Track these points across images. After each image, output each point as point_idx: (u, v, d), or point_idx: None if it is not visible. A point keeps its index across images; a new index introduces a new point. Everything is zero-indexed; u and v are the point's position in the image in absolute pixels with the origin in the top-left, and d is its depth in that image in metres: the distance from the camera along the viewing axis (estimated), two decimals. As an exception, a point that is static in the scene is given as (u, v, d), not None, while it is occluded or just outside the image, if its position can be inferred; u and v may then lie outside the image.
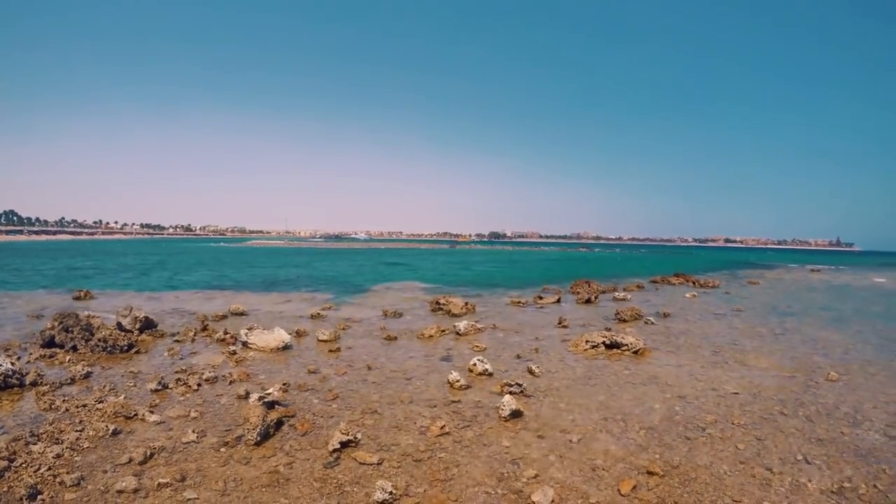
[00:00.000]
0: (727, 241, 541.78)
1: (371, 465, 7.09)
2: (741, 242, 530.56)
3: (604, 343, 14.07)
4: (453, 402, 9.73)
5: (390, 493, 6.18)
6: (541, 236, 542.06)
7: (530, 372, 11.69)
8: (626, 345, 13.83)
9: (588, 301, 25.24)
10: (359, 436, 7.80)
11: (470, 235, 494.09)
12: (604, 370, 12.24)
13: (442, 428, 8.29)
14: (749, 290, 34.71)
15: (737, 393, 10.66)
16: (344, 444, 7.54)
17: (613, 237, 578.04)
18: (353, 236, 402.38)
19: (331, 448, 7.46)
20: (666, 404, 9.84)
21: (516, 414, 8.87)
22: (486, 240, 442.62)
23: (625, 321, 19.25)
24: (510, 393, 9.86)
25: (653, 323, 18.96)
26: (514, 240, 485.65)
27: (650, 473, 6.94)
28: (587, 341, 14.23)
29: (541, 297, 26.21)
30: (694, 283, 36.87)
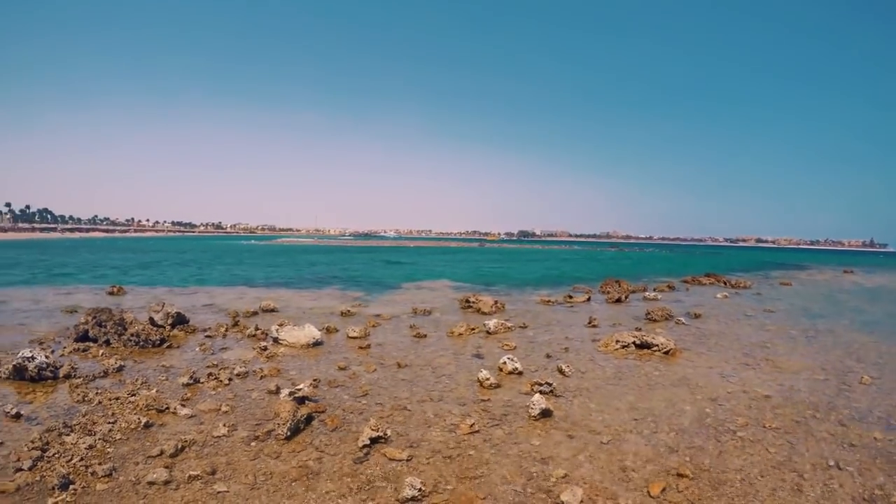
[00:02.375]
0: (758, 241, 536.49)
1: (400, 461, 7.11)
2: (773, 242, 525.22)
3: (634, 343, 13.98)
4: (483, 400, 9.72)
5: (419, 489, 6.18)
6: (570, 235, 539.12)
7: (560, 371, 11.64)
8: (657, 345, 13.74)
9: (618, 300, 25.09)
10: (388, 432, 7.82)
11: (499, 234, 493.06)
12: (634, 370, 12.16)
13: (471, 426, 8.30)
14: (781, 292, 34.25)
15: (768, 396, 10.53)
16: (374, 440, 7.56)
17: (643, 236, 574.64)
18: (381, 234, 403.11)
19: (360, 444, 7.48)
20: (696, 406, 9.75)
21: (546, 413, 8.84)
22: (514, 238, 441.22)
23: (655, 321, 19.10)
24: (540, 392, 9.83)
25: (683, 323, 18.80)
26: (543, 238, 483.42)
27: (680, 476, 6.88)
28: (617, 341, 14.16)
29: (570, 297, 26.10)
30: (725, 283, 36.48)
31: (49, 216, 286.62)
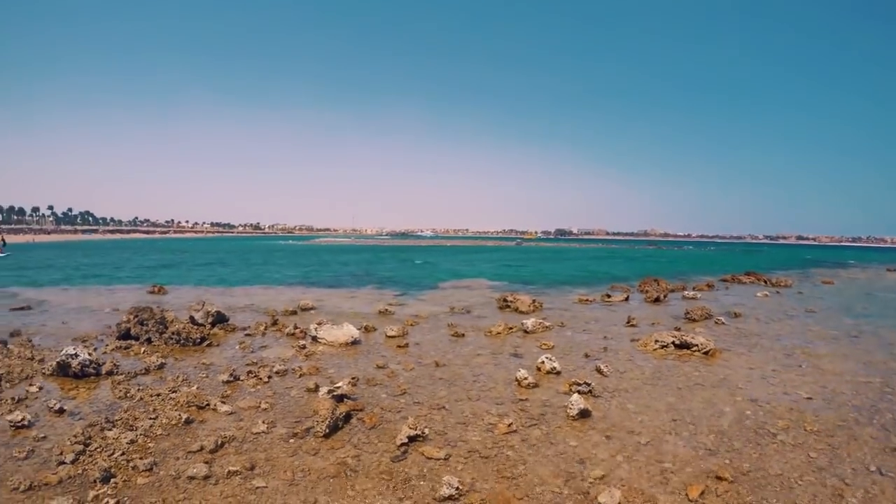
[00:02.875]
0: (799, 238, 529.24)
1: (438, 460, 7.12)
2: (814, 240, 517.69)
3: (673, 343, 13.85)
4: (521, 399, 9.68)
5: (456, 488, 6.19)
6: (607, 233, 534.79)
7: (598, 371, 11.58)
8: (696, 345, 13.60)
9: (657, 300, 24.86)
10: (426, 431, 7.83)
11: (536, 233, 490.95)
12: (673, 371, 12.04)
13: (509, 426, 8.28)
14: (823, 290, 33.65)
15: (810, 398, 10.35)
16: (412, 439, 7.58)
17: (681, 234, 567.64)
18: (418, 234, 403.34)
19: (398, 442, 7.51)
20: (736, 408, 9.62)
21: (584, 414, 8.79)
22: (551, 237, 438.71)
23: (694, 321, 18.88)
24: (578, 392, 9.77)
25: (723, 323, 18.56)
26: (580, 237, 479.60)
27: (719, 479, 6.80)
28: (656, 341, 14.04)
29: (609, 296, 25.91)
30: (765, 281, 35.91)
31: (91, 218, 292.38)
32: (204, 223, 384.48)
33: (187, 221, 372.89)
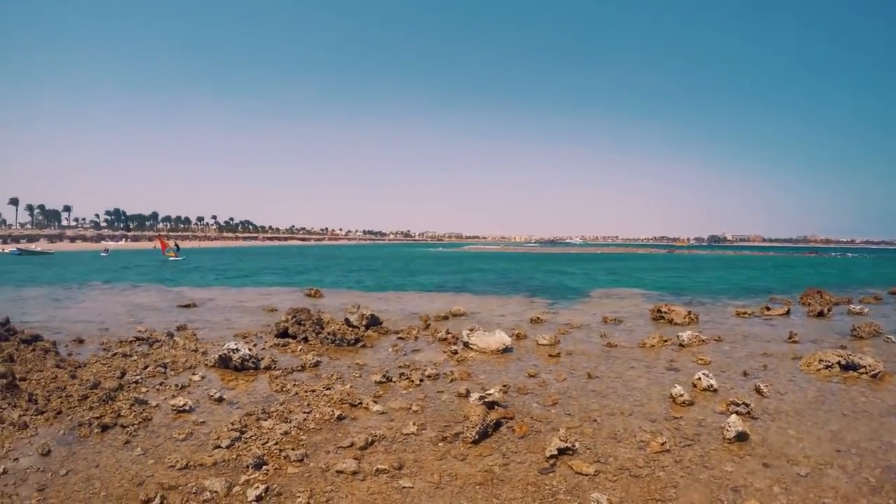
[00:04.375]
0: None
1: (587, 475, 6.88)
2: None
3: (839, 363, 12.99)
4: (675, 417, 9.29)
5: (604, 506, 6.01)
6: (763, 240, 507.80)
7: (758, 391, 10.99)
8: (864, 367, 12.70)
9: (820, 314, 23.35)
10: (576, 444, 7.63)
11: (688, 239, 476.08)
12: (838, 395, 11.24)
13: (662, 444, 7.98)
14: None
15: None
16: (561, 451, 7.40)
17: (844, 240, 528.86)
18: (567, 241, 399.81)
19: (547, 454, 7.35)
20: (908, 441, 8.91)
21: (741, 437, 8.35)
22: (704, 244, 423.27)
23: (861, 338, 17.59)
24: (736, 413, 9.29)
25: (894, 342, 17.26)
26: (734, 244, 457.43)
27: (881, 522, 6.29)
28: (820, 360, 13.21)
29: (768, 308, 24.55)
30: (946, 298, 33.26)
31: (251, 226, 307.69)
32: (356, 231, 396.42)
33: (340, 229, 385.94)
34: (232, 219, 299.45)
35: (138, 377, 11.10)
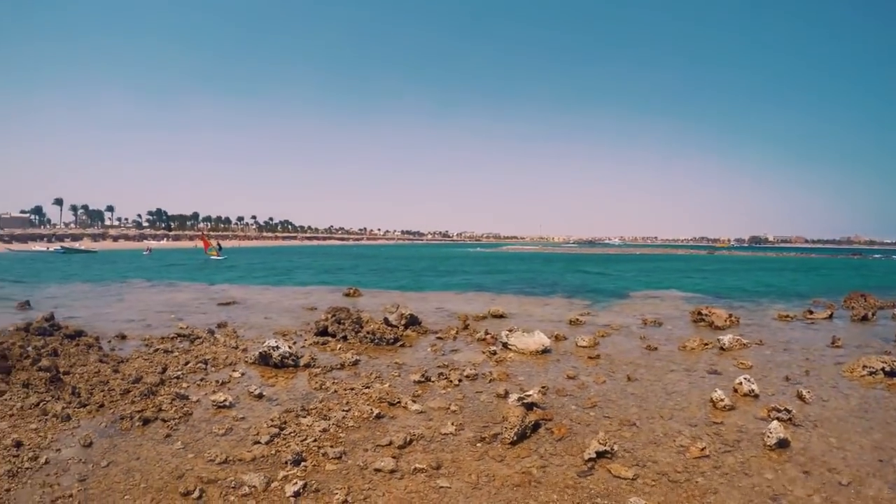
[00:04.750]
0: None
1: (625, 479, 6.82)
2: None
3: (883, 370, 12.71)
4: (715, 422, 9.15)
5: (643, 511, 5.95)
6: (805, 241, 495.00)
7: (800, 397, 10.79)
8: (910, 373, 12.47)
9: (864, 318, 22.81)
10: (615, 447, 7.56)
11: (729, 240, 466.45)
12: (882, 403, 10.97)
13: (702, 450, 7.88)
14: None
15: None
16: (600, 455, 7.34)
17: (889, 241, 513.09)
18: (606, 241, 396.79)
19: (586, 457, 7.29)
20: (955, 452, 8.67)
21: (783, 443, 8.21)
22: (745, 245, 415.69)
23: (907, 344, 17.27)
24: (777, 419, 9.13)
25: (942, 348, 16.81)
26: (776, 245, 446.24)
27: (923, 535, 6.13)
28: (864, 366, 12.94)
29: (811, 312, 24.03)
30: None
31: (290, 226, 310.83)
32: (394, 231, 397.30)
33: (379, 229, 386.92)
34: (271, 219, 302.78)
35: (179, 373, 11.28)
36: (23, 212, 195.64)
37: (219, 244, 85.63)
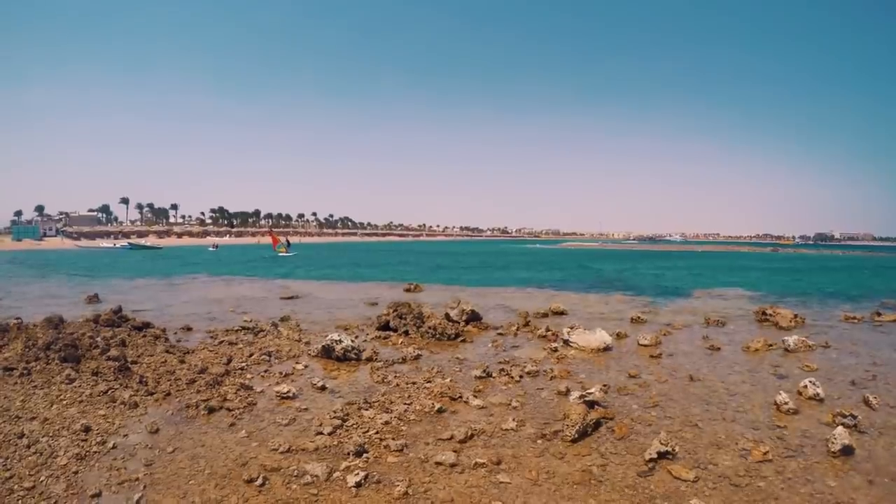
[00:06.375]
0: None
1: (686, 481, 6.75)
2: None
3: (956, 377, 12.39)
4: (778, 426, 8.97)
5: (704, 514, 5.90)
6: (874, 238, 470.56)
7: (866, 402, 10.48)
8: (985, 381, 12.07)
9: (937, 321, 22.15)
10: (677, 448, 7.48)
11: (793, 237, 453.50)
12: (955, 411, 10.71)
13: (765, 454, 7.75)
14: None
15: None
16: (661, 455, 7.27)
17: None
18: (667, 238, 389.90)
19: (647, 457, 7.25)
20: None
21: (847, 450, 8.01)
22: (810, 242, 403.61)
23: (984, 349, 16.65)
24: (843, 425, 8.92)
25: None
26: (842, 242, 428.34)
27: None
28: (936, 372, 12.61)
29: (879, 314, 23.14)
30: None
31: (350, 223, 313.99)
32: (453, 227, 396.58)
33: (438, 225, 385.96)
34: (331, 215, 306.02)
35: (244, 364, 11.57)
36: (91, 210, 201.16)
37: (287, 241, 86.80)
